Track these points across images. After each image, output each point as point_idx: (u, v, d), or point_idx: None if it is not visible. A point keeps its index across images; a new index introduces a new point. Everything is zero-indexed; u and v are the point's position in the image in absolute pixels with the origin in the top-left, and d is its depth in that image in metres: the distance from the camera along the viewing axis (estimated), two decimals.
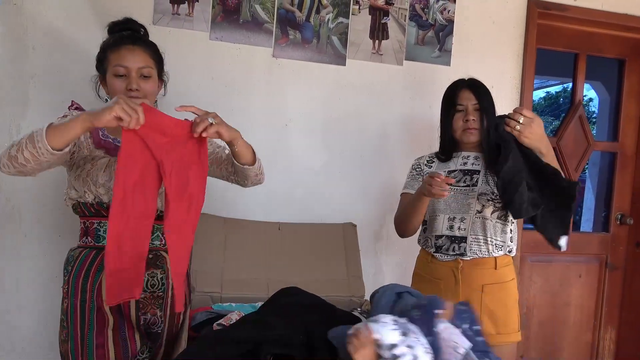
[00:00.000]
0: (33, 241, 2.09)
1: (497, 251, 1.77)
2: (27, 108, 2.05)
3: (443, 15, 2.47)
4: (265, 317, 1.27)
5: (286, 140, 2.34)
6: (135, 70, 1.46)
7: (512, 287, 1.81)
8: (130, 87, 1.44)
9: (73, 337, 1.43)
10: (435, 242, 1.82)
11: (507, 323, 1.77)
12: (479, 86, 1.80)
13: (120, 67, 1.45)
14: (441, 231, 1.81)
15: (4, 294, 2.09)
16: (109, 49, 1.48)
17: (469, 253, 1.76)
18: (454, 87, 1.83)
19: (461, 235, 1.77)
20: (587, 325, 2.93)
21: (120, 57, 1.46)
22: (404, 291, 1.24)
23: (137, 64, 1.46)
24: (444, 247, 1.80)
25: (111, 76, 1.47)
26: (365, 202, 2.44)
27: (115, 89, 1.46)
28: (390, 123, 2.44)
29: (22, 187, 2.06)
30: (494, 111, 1.78)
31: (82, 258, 1.45)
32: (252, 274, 2.03)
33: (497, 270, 1.77)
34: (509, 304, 1.79)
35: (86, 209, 1.47)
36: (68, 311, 1.45)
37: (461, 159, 1.85)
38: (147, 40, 1.55)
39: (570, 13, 2.64)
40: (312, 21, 2.31)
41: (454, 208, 1.79)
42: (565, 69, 2.94)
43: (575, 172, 2.87)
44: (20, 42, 2.03)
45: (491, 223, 1.76)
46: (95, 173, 1.44)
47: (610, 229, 2.95)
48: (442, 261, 1.81)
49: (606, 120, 3.16)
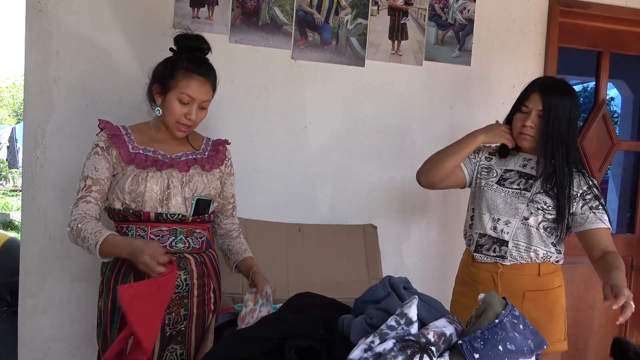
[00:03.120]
0: (57, 243, 2.12)
1: (540, 259, 1.71)
2: (51, 112, 2.09)
3: (463, 14, 2.45)
4: (286, 316, 1.30)
5: (306, 141, 2.34)
6: (198, 102, 1.53)
7: (558, 295, 1.74)
8: (189, 117, 1.53)
9: (104, 334, 1.51)
10: (478, 240, 1.77)
11: (551, 332, 1.68)
12: (554, 91, 1.65)
13: (189, 97, 1.51)
14: (485, 230, 1.75)
15: (29, 295, 2.13)
16: (182, 71, 1.52)
17: (509, 257, 1.71)
18: (530, 86, 1.72)
19: (503, 238, 1.72)
20: (612, 329, 2.87)
21: (191, 87, 1.51)
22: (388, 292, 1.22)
23: (203, 97, 1.54)
24: (485, 246, 1.75)
25: (175, 99, 1.52)
26: (385, 203, 2.43)
27: (173, 112, 1.52)
28: (410, 124, 2.43)
29: (48, 189, 2.10)
30: (568, 124, 1.63)
31: (114, 260, 1.52)
32: (273, 275, 2.02)
33: (540, 277, 1.70)
34: (554, 312, 1.72)
35: (115, 214, 1.54)
36: (102, 310, 1.53)
37: (521, 160, 1.78)
38: (214, 71, 1.59)
39: (593, 10, 2.60)
40: (331, 22, 2.32)
41: (501, 209, 1.72)
42: (588, 68, 2.89)
43: (599, 173, 2.81)
44: (44, 48, 2.07)
45: (537, 232, 1.69)
46: (123, 182, 1.50)
47: (635, 230, 2.89)
48: (481, 262, 1.76)
49: (630, 119, 3.10)
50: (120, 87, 2.12)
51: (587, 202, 1.67)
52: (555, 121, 1.63)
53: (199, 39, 1.60)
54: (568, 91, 1.67)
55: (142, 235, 1.51)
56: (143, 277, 1.45)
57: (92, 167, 1.51)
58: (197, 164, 1.60)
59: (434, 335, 1.02)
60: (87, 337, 2.13)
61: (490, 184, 1.76)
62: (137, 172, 1.50)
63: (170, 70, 1.53)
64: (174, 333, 1.52)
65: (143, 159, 1.52)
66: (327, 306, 1.38)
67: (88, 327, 2.12)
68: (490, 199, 1.74)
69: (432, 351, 0.98)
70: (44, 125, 2.09)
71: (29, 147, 2.09)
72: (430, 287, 1.98)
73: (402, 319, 1.07)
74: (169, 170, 1.53)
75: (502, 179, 1.76)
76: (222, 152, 1.69)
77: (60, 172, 2.10)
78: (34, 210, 2.11)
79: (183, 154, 1.60)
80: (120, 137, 1.54)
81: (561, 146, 1.64)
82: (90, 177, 1.50)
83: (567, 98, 1.65)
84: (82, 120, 2.09)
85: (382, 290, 1.19)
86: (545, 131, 1.64)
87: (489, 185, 1.76)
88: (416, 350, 0.97)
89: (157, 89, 1.56)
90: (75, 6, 2.08)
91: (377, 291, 1.20)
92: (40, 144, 2.09)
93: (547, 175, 1.67)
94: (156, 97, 1.57)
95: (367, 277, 2.11)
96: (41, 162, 2.09)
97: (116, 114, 1.92)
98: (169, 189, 1.51)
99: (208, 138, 1.74)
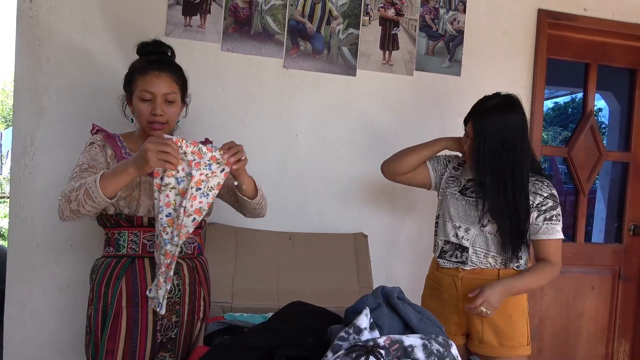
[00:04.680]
0: (45, 250, 2.10)
1: (499, 265, 1.75)
2: (41, 119, 2.07)
3: (453, 25, 2.48)
4: (277, 325, 1.30)
5: (297, 150, 2.35)
6: (160, 96, 1.52)
7: (519, 300, 1.76)
8: (154, 112, 1.52)
9: (94, 342, 1.49)
10: (442, 247, 1.83)
11: (512, 336, 1.73)
12: (487, 116, 1.68)
13: (147, 92, 1.51)
14: (448, 237, 1.81)
15: (15, 303, 2.10)
16: (137, 73, 1.54)
17: (469, 263, 1.76)
18: (470, 112, 1.76)
19: (464, 244, 1.77)
20: (601, 338, 2.89)
21: (147, 82, 1.51)
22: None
23: (162, 89, 1.53)
24: (448, 252, 1.81)
25: (137, 99, 1.53)
26: (376, 212, 2.43)
27: (140, 113, 1.53)
28: (400, 133, 2.44)
29: (36, 196, 2.08)
30: (502, 144, 1.65)
31: (104, 267, 1.52)
32: (263, 284, 2.02)
33: None
34: (515, 316, 1.75)
35: (107, 220, 1.54)
36: (91, 318, 1.51)
37: None
38: (173, 64, 1.60)
39: (580, 23, 2.64)
40: (323, 32, 2.33)
41: (461, 217, 1.79)
42: (576, 79, 2.93)
43: (587, 183, 2.85)
44: (35, 54, 2.06)
45: (494, 239, 1.74)
46: None
47: (623, 240, 2.92)
48: (444, 268, 1.82)
49: (617, 130, 3.14)
50: (111, 95, 2.09)
51: (542, 213, 1.71)
52: (486, 146, 1.66)
53: (156, 44, 1.62)
54: (505, 110, 1.68)
55: (135, 241, 1.52)
56: (136, 280, 1.44)
57: (89, 157, 1.50)
58: None
59: (386, 340, 1.00)
60: (73, 346, 2.11)
61: (453, 193, 1.84)
62: None
63: (128, 75, 1.57)
64: (164, 340, 1.51)
65: None
66: (317, 315, 1.38)
67: (75, 335, 2.10)
68: (452, 207, 1.81)
69: (380, 353, 0.96)
70: (33, 131, 2.07)
71: (18, 153, 2.08)
72: (421, 296, 1.99)
73: (350, 328, 1.06)
74: None
75: (465, 188, 1.82)
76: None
77: (49, 180, 2.08)
78: (22, 217, 2.09)
79: None
80: (115, 141, 1.57)
81: (495, 169, 1.66)
82: (86, 163, 1.48)
83: (502, 118, 1.66)
84: (72, 127, 2.08)
85: (372, 301, 1.19)
86: (476, 156, 1.69)
87: (452, 194, 1.84)
88: (361, 353, 0.96)
89: (126, 99, 1.60)
90: (67, 13, 2.08)
91: (367, 301, 1.19)
92: (29, 150, 2.07)
93: (485, 197, 1.71)
94: (129, 107, 1.59)
95: (358, 286, 2.11)
96: (30, 169, 2.08)
97: (106, 121, 1.91)
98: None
99: None
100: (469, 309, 1.63)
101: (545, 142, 8.43)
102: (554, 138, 10.43)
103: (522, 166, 1.67)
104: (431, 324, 1.16)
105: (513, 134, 1.66)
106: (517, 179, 1.66)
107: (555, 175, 7.01)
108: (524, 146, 1.68)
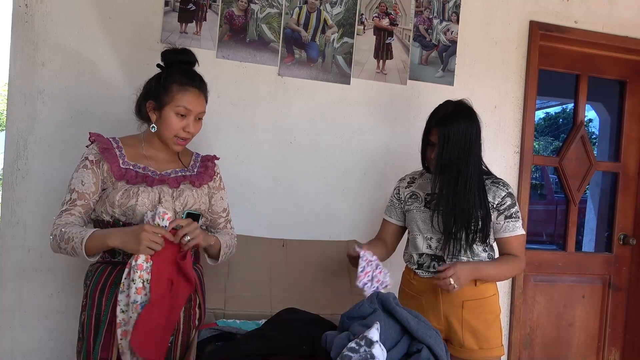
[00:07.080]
0: (37, 255, 2.09)
1: None
2: (35, 123, 2.07)
3: (446, 36, 2.51)
4: (270, 332, 1.30)
5: (291, 157, 2.35)
6: (195, 114, 1.56)
7: (493, 303, 1.83)
8: (187, 130, 1.56)
9: (86, 349, 1.47)
10: (418, 260, 1.87)
11: (489, 338, 1.79)
12: (450, 122, 1.74)
13: (185, 109, 1.54)
14: (422, 249, 1.86)
15: (6, 308, 2.08)
16: (176, 85, 1.54)
17: None
18: (430, 120, 1.82)
19: (439, 254, 1.82)
20: (591, 347, 2.91)
21: (187, 99, 1.54)
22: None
23: (199, 109, 1.57)
24: (425, 264, 1.85)
25: (172, 113, 1.54)
26: (369, 219, 2.44)
27: (171, 126, 1.55)
28: (394, 141, 2.46)
29: (29, 201, 2.07)
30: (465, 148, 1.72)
31: (99, 273, 1.51)
32: (256, 290, 2.02)
33: (477, 287, 1.79)
34: (490, 319, 1.81)
35: (103, 226, 1.52)
36: (85, 324, 1.49)
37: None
38: (205, 83, 1.62)
39: (571, 35, 2.68)
40: (318, 41, 2.35)
41: (430, 228, 1.83)
42: (567, 90, 2.97)
43: (578, 192, 2.88)
44: (30, 59, 2.06)
45: (464, 244, 1.77)
46: (113, 196, 1.49)
47: (613, 249, 2.95)
48: (423, 278, 1.85)
49: (607, 140, 3.18)
50: (106, 100, 2.12)
51: (502, 212, 1.78)
52: (450, 150, 1.72)
53: (185, 52, 1.62)
54: (464, 115, 1.76)
55: None
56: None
57: (79, 180, 1.50)
58: (187, 181, 1.61)
59: None
60: (64, 353, 2.09)
61: (418, 207, 1.88)
62: (128, 187, 1.50)
63: (163, 85, 1.55)
64: None
65: (134, 175, 1.52)
66: (310, 322, 1.38)
67: (67, 342, 2.08)
68: (420, 220, 1.86)
69: None
70: (26, 136, 2.07)
71: (11, 158, 2.07)
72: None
73: (362, 340, 1.07)
74: (160, 186, 1.54)
75: (427, 202, 1.86)
76: (211, 168, 1.70)
77: (41, 185, 2.07)
78: (14, 222, 2.07)
79: (172, 171, 1.61)
80: (112, 151, 1.54)
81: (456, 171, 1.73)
82: (76, 191, 1.49)
83: (463, 123, 1.73)
84: (66, 133, 2.08)
85: (368, 307, 1.20)
86: (439, 161, 1.74)
87: (417, 209, 1.88)
88: None
89: (152, 105, 1.57)
90: (63, 18, 2.08)
91: (363, 307, 1.20)
92: (22, 155, 2.06)
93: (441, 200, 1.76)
94: (150, 113, 1.58)
95: (350, 293, 2.11)
96: (22, 174, 2.07)
97: (101, 127, 1.91)
98: (160, 202, 1.51)
99: (197, 154, 1.75)
100: (437, 279, 1.65)
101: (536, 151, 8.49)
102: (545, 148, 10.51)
103: (479, 168, 1.77)
104: (428, 327, 1.17)
105: (475, 138, 1.75)
106: (474, 180, 1.73)
107: (546, 185, 7.06)
108: (479, 150, 1.78)
